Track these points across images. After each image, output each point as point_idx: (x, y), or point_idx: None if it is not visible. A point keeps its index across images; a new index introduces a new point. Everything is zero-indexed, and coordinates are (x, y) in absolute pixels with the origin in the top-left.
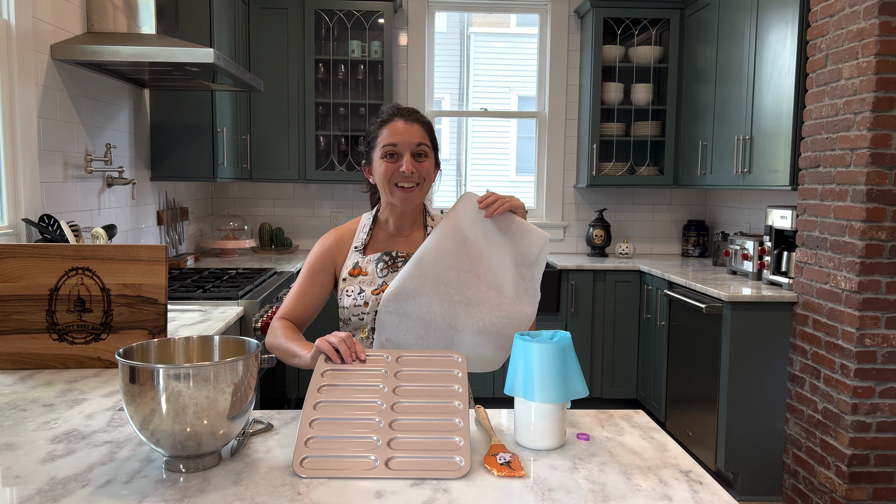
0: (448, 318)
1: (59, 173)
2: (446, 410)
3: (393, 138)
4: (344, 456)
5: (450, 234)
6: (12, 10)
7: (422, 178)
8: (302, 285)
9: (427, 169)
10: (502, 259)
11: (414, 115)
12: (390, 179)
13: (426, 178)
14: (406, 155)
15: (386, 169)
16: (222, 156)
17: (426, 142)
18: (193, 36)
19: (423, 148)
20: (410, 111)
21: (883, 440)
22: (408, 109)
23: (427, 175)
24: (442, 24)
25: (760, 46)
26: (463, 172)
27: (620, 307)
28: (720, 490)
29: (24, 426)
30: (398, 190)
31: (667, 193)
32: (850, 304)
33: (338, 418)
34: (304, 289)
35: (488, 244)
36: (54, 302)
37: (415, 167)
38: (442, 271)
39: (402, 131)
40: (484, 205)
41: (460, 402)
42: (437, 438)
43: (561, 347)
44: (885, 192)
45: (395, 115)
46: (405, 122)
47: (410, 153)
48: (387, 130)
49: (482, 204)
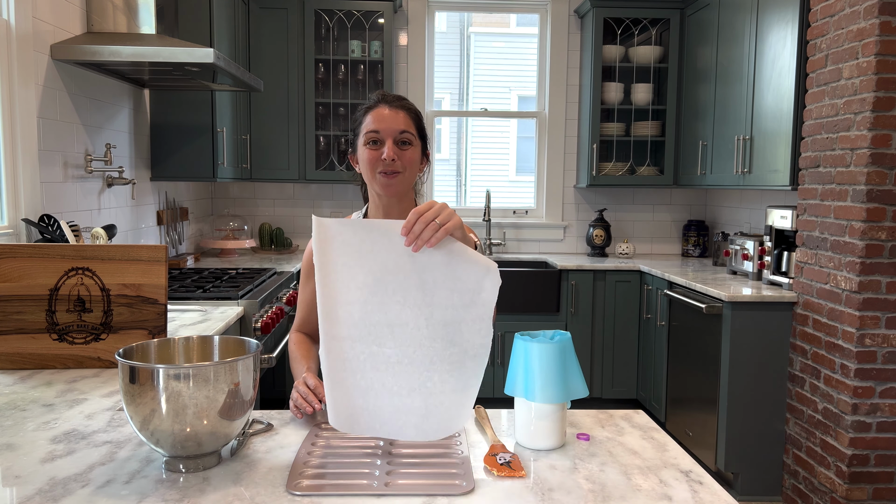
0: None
1: (59, 173)
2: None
3: (376, 124)
4: (342, 476)
5: (367, 281)
6: (12, 10)
7: (404, 166)
8: (304, 293)
9: (410, 158)
10: (439, 306)
11: (399, 102)
12: (374, 167)
13: (408, 167)
14: (388, 141)
15: (369, 156)
16: (222, 156)
17: (410, 129)
18: (193, 36)
19: (407, 136)
20: (396, 97)
21: (883, 440)
22: (394, 96)
23: (410, 164)
24: (442, 24)
25: (760, 46)
26: (463, 172)
27: (620, 307)
28: (720, 490)
29: (24, 426)
30: (380, 176)
31: (667, 193)
32: (850, 304)
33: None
34: (307, 295)
35: (419, 290)
36: (54, 302)
37: (397, 154)
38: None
39: (385, 118)
40: (409, 239)
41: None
42: (439, 461)
43: (561, 347)
44: (885, 192)
45: (381, 101)
46: (390, 108)
47: (393, 140)
48: (371, 116)
49: (408, 238)
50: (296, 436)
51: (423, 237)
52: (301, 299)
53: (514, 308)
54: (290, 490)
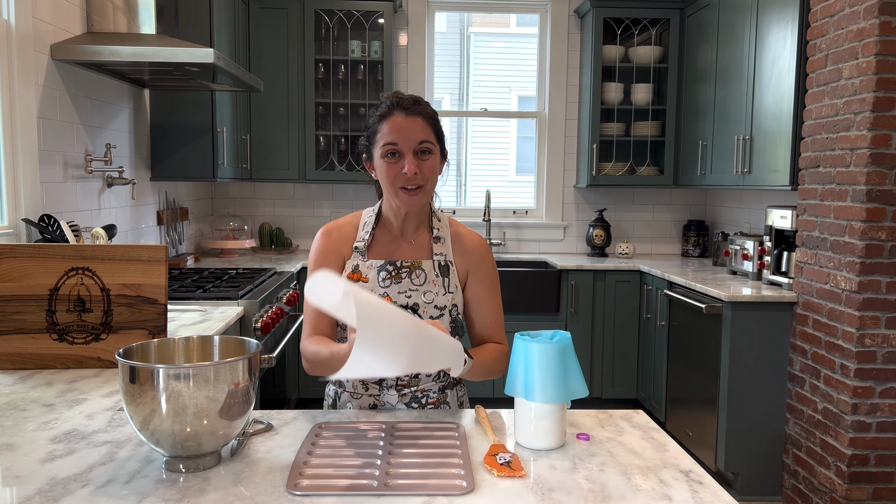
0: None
1: (59, 173)
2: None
3: (393, 136)
4: (342, 476)
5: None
6: (12, 10)
7: (426, 178)
8: None
9: (431, 167)
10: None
11: (416, 108)
12: (393, 182)
13: (430, 177)
14: (409, 155)
15: (388, 170)
16: (222, 156)
17: (430, 138)
18: (193, 36)
19: (427, 145)
20: (413, 102)
21: (883, 440)
22: (410, 100)
23: (431, 174)
24: (442, 24)
25: (760, 46)
26: (463, 172)
27: (620, 307)
28: (720, 490)
29: (24, 426)
30: (402, 192)
31: (667, 193)
32: (850, 304)
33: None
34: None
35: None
36: (54, 302)
37: (418, 167)
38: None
39: (403, 128)
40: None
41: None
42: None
43: (561, 347)
44: (885, 192)
45: (395, 107)
46: (406, 116)
47: (413, 152)
48: (387, 126)
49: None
50: (296, 436)
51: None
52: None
53: (514, 308)
54: (290, 490)
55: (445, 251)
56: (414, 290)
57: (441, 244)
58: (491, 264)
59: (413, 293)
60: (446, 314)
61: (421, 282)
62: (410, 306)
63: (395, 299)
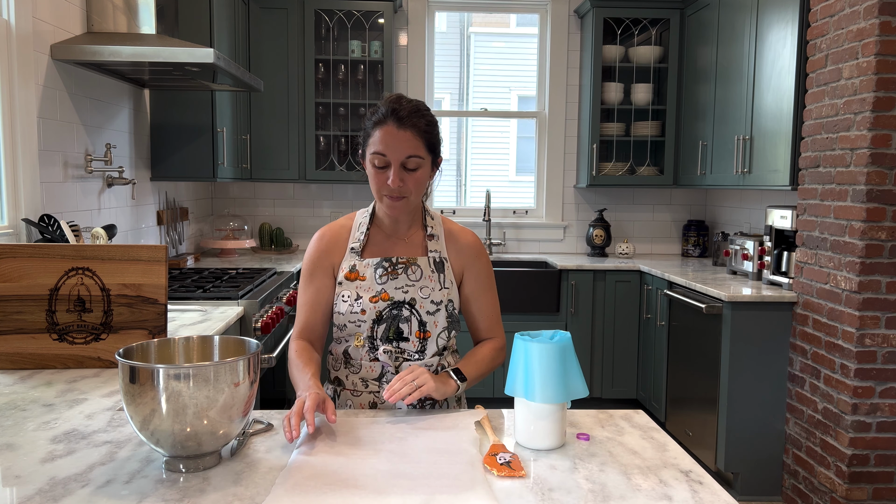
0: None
1: (59, 173)
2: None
3: (382, 147)
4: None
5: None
6: (12, 10)
7: (409, 190)
8: (306, 294)
9: (417, 180)
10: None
11: (410, 120)
12: (379, 190)
13: (415, 189)
14: (395, 167)
15: (375, 177)
16: (222, 156)
17: (419, 152)
18: (193, 36)
19: (415, 160)
20: (409, 112)
21: (883, 440)
22: (407, 109)
23: (416, 187)
24: (442, 24)
25: (760, 46)
26: (463, 172)
27: (620, 307)
28: (720, 490)
29: (24, 426)
30: (387, 199)
31: (667, 193)
32: (850, 304)
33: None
34: (308, 297)
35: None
36: (54, 302)
37: (403, 179)
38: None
39: (393, 140)
40: (388, 393)
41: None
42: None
43: (561, 347)
44: (885, 192)
45: (390, 116)
46: (398, 127)
47: (400, 164)
48: (378, 134)
49: (386, 392)
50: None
51: (401, 393)
52: (302, 301)
53: (514, 308)
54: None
55: (440, 248)
56: (411, 285)
57: (435, 241)
58: (485, 260)
59: (410, 288)
60: (442, 309)
61: (417, 277)
62: (408, 301)
63: (392, 295)
